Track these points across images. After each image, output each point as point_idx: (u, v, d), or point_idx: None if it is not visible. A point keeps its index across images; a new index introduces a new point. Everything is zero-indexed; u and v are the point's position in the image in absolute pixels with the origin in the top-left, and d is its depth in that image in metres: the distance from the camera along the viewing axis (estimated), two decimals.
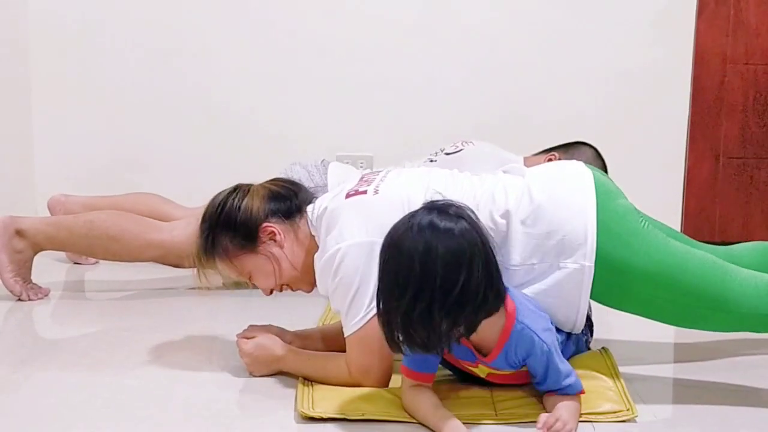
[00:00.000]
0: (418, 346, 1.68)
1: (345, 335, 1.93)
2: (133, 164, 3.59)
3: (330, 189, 2.67)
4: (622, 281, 1.94)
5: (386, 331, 1.70)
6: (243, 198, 2.08)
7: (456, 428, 1.71)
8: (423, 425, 1.77)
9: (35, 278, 2.76)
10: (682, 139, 3.61)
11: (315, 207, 2.07)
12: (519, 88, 3.57)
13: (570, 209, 1.95)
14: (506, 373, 1.87)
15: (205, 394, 1.96)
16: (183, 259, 2.72)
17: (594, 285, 1.93)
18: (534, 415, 1.80)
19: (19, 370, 2.13)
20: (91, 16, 3.55)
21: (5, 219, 2.70)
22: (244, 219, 2.06)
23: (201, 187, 2.16)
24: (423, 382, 1.81)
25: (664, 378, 2.14)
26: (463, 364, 1.90)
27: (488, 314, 1.71)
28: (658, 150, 3.60)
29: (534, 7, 3.55)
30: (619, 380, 1.96)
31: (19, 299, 2.69)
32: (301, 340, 2.13)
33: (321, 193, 2.21)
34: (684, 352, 2.32)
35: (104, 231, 2.72)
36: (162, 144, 3.60)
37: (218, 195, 2.12)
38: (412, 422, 1.78)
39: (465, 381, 1.96)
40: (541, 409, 1.81)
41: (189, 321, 2.57)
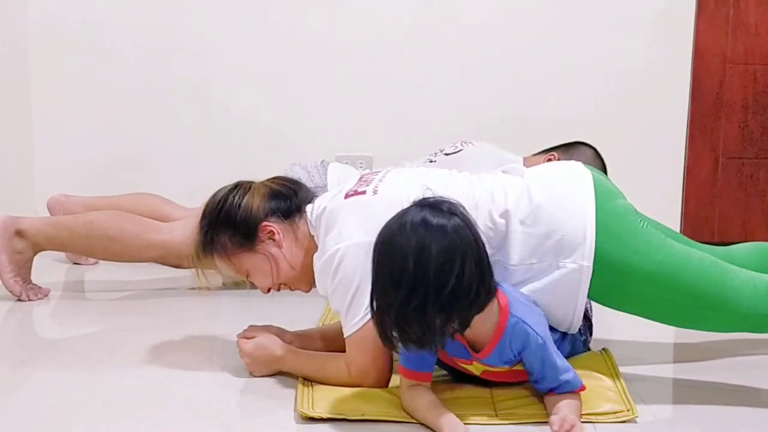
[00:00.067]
0: (413, 343, 1.69)
1: (344, 335, 1.93)
2: (133, 164, 3.59)
3: (329, 189, 2.67)
4: (621, 281, 1.94)
5: (380, 328, 1.71)
6: (243, 196, 2.08)
7: (454, 425, 1.72)
8: (422, 425, 1.77)
9: (35, 278, 2.75)
10: (682, 139, 3.61)
11: (314, 207, 2.07)
12: (519, 88, 3.57)
13: (569, 209, 1.95)
14: (501, 371, 1.87)
15: (205, 394, 1.96)
16: (183, 260, 2.72)
17: (593, 285, 1.94)
18: (534, 416, 1.80)
19: (19, 370, 2.13)
20: (91, 16, 3.55)
21: (5, 219, 2.70)
22: (244, 217, 2.06)
23: (201, 187, 2.16)
24: (421, 382, 1.81)
25: (664, 378, 2.14)
26: (458, 363, 1.90)
27: (480, 309, 1.72)
28: (658, 150, 3.60)
29: (534, 7, 3.55)
30: (620, 381, 1.96)
31: (19, 299, 2.68)
32: (301, 341, 2.13)
33: (321, 194, 2.21)
34: (684, 353, 2.32)
35: (104, 231, 2.73)
36: (162, 144, 3.60)
37: (219, 191, 2.12)
38: (412, 422, 1.78)
39: (460, 381, 1.96)
40: (542, 409, 1.81)
41: (189, 321, 2.57)
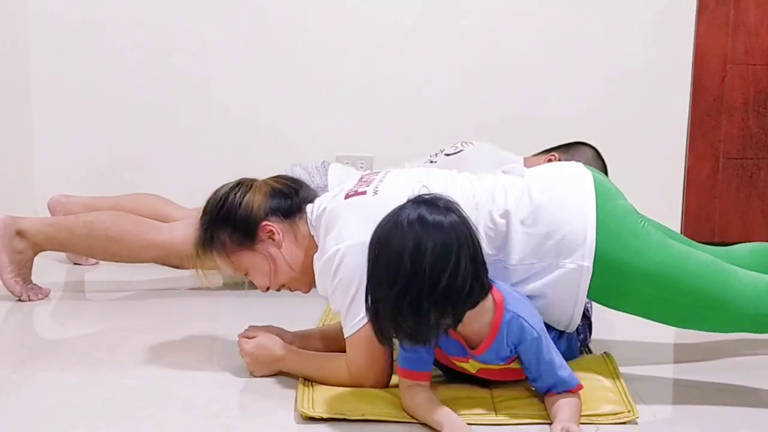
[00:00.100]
0: (407, 337, 1.71)
1: (345, 336, 1.93)
2: (133, 164, 3.59)
3: (330, 190, 2.67)
4: (622, 281, 1.94)
5: (375, 323, 1.72)
6: (245, 194, 2.08)
7: (455, 423, 1.72)
8: (423, 425, 1.77)
9: (35, 279, 2.75)
10: (682, 139, 3.61)
11: (314, 207, 2.07)
12: (519, 89, 3.57)
13: (569, 209, 1.95)
14: (497, 368, 1.87)
15: (205, 394, 1.96)
16: (184, 260, 2.72)
17: (593, 285, 1.93)
18: (534, 416, 1.80)
19: (19, 370, 2.13)
20: (91, 16, 3.55)
21: (6, 219, 2.70)
22: (244, 216, 2.06)
23: (201, 187, 2.15)
24: (420, 381, 1.81)
25: (664, 378, 2.14)
26: (454, 361, 1.91)
27: (474, 305, 1.74)
28: (658, 150, 3.60)
29: (534, 8, 3.55)
30: (620, 382, 1.95)
31: (20, 300, 2.68)
32: (301, 341, 2.13)
33: (321, 194, 2.20)
34: (684, 353, 2.32)
35: (104, 231, 2.72)
36: (162, 144, 3.60)
37: (221, 188, 2.12)
38: (412, 422, 1.78)
39: (456, 380, 1.96)
40: (542, 409, 1.81)
41: (189, 321, 2.57)
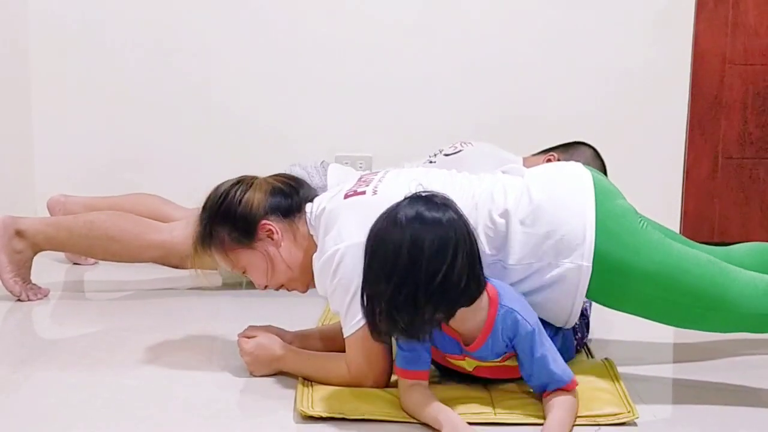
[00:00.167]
0: (401, 332, 1.73)
1: (344, 336, 1.93)
2: (133, 164, 3.59)
3: (329, 190, 2.67)
4: (621, 281, 1.94)
5: (370, 319, 1.73)
6: (245, 191, 2.08)
7: (454, 422, 1.72)
8: (422, 424, 1.77)
9: (35, 278, 2.75)
10: (681, 139, 3.61)
11: (313, 206, 2.07)
12: (519, 89, 3.57)
13: (569, 209, 1.95)
14: (493, 365, 1.88)
15: (205, 394, 1.96)
16: (183, 260, 2.71)
17: (592, 285, 1.93)
18: (533, 416, 1.80)
19: (19, 370, 2.13)
20: (91, 16, 3.55)
21: (5, 219, 2.70)
22: (244, 214, 2.06)
23: (201, 188, 2.15)
24: (418, 380, 1.82)
25: (664, 378, 2.14)
26: (450, 360, 1.92)
27: (470, 302, 1.75)
28: (658, 150, 3.60)
29: (534, 7, 3.55)
30: (620, 385, 1.95)
31: (19, 299, 2.68)
32: (301, 341, 2.13)
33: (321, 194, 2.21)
34: (683, 353, 2.32)
35: (104, 231, 2.73)
36: (162, 144, 3.60)
37: (222, 185, 2.12)
38: (412, 422, 1.79)
39: (453, 379, 1.96)
40: (541, 410, 1.81)
41: (189, 321, 2.57)
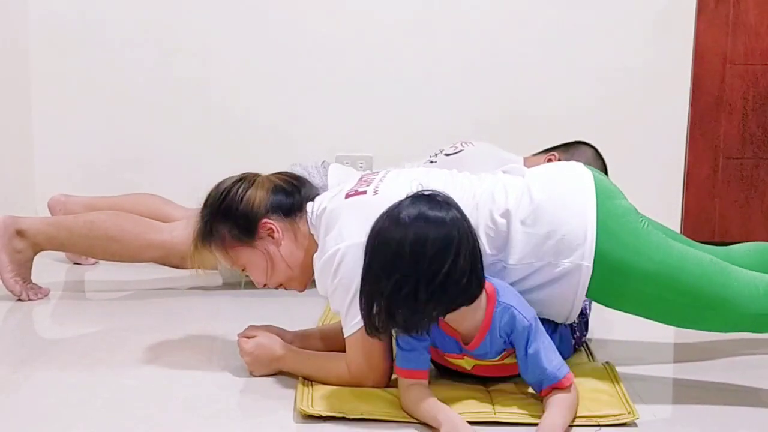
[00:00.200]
0: (400, 327, 1.75)
1: (344, 335, 1.93)
2: (133, 164, 3.59)
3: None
4: (621, 281, 1.94)
5: (367, 315, 1.74)
6: (247, 189, 2.07)
7: (454, 421, 1.72)
8: (422, 424, 1.77)
9: (35, 278, 2.75)
10: (682, 139, 3.61)
11: (314, 206, 2.07)
12: (519, 88, 3.57)
13: (570, 209, 1.95)
14: (491, 363, 1.88)
15: (205, 394, 1.96)
16: (184, 260, 2.71)
17: (593, 285, 1.93)
18: (533, 415, 1.80)
19: (19, 370, 2.13)
20: (91, 16, 3.55)
21: (5, 219, 2.70)
22: (245, 211, 2.05)
23: (201, 188, 2.15)
24: (418, 380, 1.82)
25: (664, 378, 2.14)
26: (449, 359, 1.92)
27: (471, 300, 1.75)
28: (658, 150, 3.60)
29: (534, 7, 3.55)
30: (621, 388, 1.94)
31: (19, 299, 2.68)
32: (301, 340, 2.13)
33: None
34: (683, 352, 2.32)
35: (104, 231, 2.73)
36: (162, 144, 3.60)
37: (224, 182, 2.11)
38: (411, 422, 1.78)
39: (451, 378, 1.96)
40: (541, 409, 1.80)
41: (189, 321, 2.57)
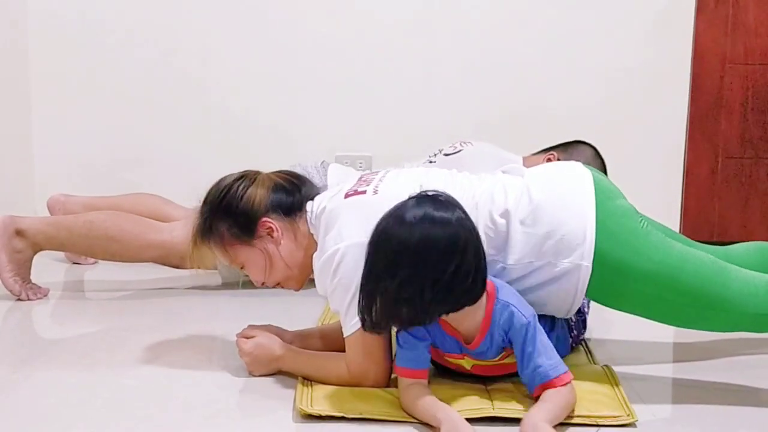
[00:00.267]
0: (402, 324, 1.77)
1: (344, 335, 1.93)
2: (133, 164, 3.59)
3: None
4: (621, 281, 1.94)
5: (368, 314, 1.75)
6: (247, 187, 2.07)
7: (454, 420, 1.72)
8: (422, 423, 1.77)
9: (34, 278, 2.75)
10: (681, 139, 3.61)
11: (314, 205, 2.07)
12: (519, 88, 3.58)
13: (569, 209, 1.95)
14: (491, 364, 1.89)
15: (205, 394, 1.96)
16: (184, 260, 2.72)
17: (592, 285, 1.93)
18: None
19: (19, 370, 2.13)
20: (91, 16, 3.56)
21: (5, 219, 2.70)
22: (245, 210, 2.05)
23: (201, 188, 2.15)
24: (418, 379, 1.82)
25: (663, 378, 2.14)
26: (449, 359, 1.92)
27: (474, 300, 1.76)
28: (658, 149, 3.61)
29: (534, 7, 3.56)
30: (620, 390, 1.93)
31: (19, 299, 2.69)
32: (301, 340, 2.13)
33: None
34: (683, 352, 2.32)
35: (104, 231, 2.73)
36: (162, 144, 3.60)
37: (224, 179, 2.11)
38: (411, 422, 1.78)
39: (450, 377, 1.97)
40: None
41: (189, 321, 2.57)
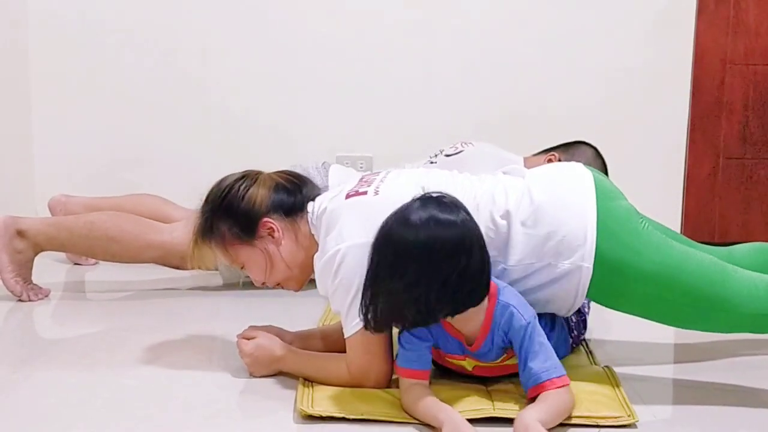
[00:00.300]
0: (407, 325, 1.78)
1: (345, 336, 1.93)
2: (133, 164, 3.59)
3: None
4: (622, 282, 1.94)
5: (372, 315, 1.76)
6: (249, 187, 2.06)
7: (455, 420, 1.72)
8: (423, 424, 1.77)
9: (35, 279, 2.75)
10: (682, 139, 3.61)
11: (315, 206, 2.06)
12: (519, 88, 3.58)
13: (570, 210, 1.95)
14: (491, 365, 1.89)
15: (205, 394, 1.96)
16: (184, 260, 2.71)
17: (593, 286, 1.93)
18: None
19: (19, 370, 2.13)
20: (91, 16, 3.56)
21: (6, 219, 2.70)
22: (246, 210, 2.05)
23: (201, 188, 2.15)
24: (419, 380, 1.82)
25: (664, 378, 2.14)
26: (450, 360, 1.93)
27: (479, 301, 1.77)
28: (658, 150, 3.61)
29: (534, 7, 3.55)
30: (621, 391, 1.93)
31: (20, 300, 2.68)
32: (302, 341, 2.13)
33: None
34: (683, 353, 2.32)
35: (104, 232, 2.73)
36: (162, 144, 3.60)
37: (226, 178, 2.11)
38: (411, 423, 1.78)
39: (450, 377, 1.97)
40: None
41: (189, 321, 2.57)
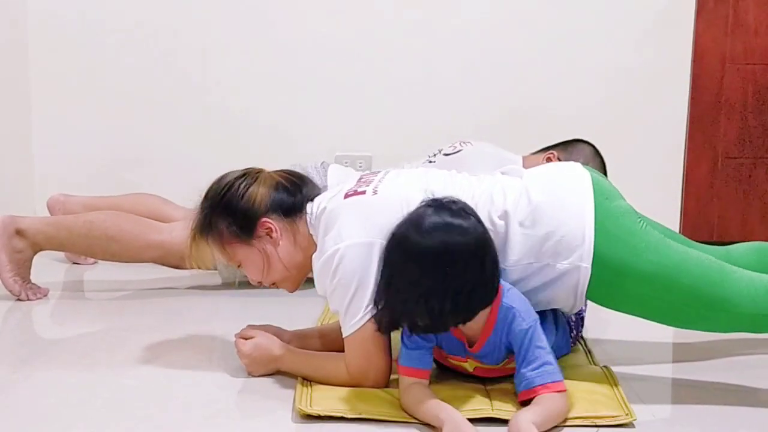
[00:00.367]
0: (419, 331, 1.78)
1: (343, 336, 1.93)
2: (133, 164, 3.59)
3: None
4: (620, 282, 1.94)
5: (386, 318, 1.77)
6: (249, 186, 2.06)
7: (455, 419, 1.72)
8: (422, 423, 1.77)
9: (34, 278, 2.75)
10: (681, 139, 3.61)
11: (314, 206, 2.06)
12: (518, 88, 3.58)
13: (568, 210, 1.95)
14: (492, 367, 1.90)
15: (205, 394, 1.96)
16: (183, 260, 2.71)
17: (591, 286, 1.93)
18: None
19: (19, 370, 2.13)
20: (91, 16, 3.56)
21: (5, 219, 2.70)
22: (245, 209, 2.04)
23: (201, 188, 2.15)
24: (419, 379, 1.83)
25: (663, 378, 2.14)
26: (452, 360, 1.93)
27: (488, 304, 1.78)
28: (657, 149, 3.61)
29: (534, 7, 3.56)
30: (619, 391, 1.93)
31: (19, 299, 2.68)
32: (300, 340, 2.13)
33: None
34: (682, 352, 2.32)
35: (103, 231, 2.73)
36: (162, 144, 3.60)
37: (226, 176, 2.10)
38: (411, 422, 1.79)
39: (450, 376, 1.97)
40: None
41: (189, 321, 2.57)
